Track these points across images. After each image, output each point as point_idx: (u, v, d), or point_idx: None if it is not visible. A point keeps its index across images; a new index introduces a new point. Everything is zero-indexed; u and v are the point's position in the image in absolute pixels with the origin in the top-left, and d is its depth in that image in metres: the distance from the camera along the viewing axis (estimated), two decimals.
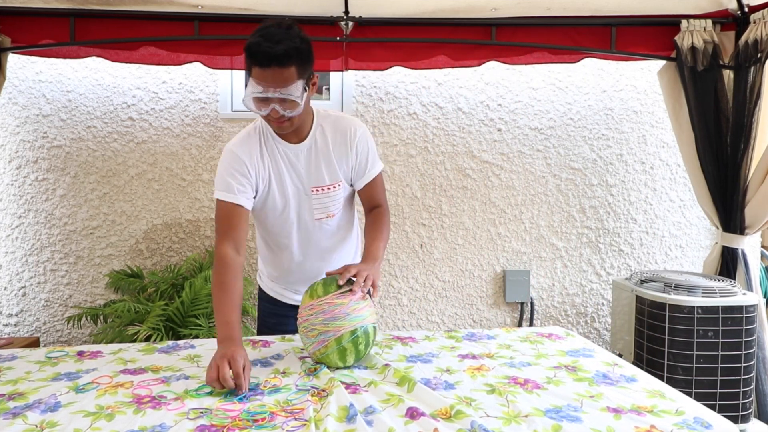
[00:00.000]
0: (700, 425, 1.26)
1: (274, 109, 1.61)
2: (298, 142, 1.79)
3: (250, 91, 1.60)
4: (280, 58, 1.54)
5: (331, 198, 1.86)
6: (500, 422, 1.26)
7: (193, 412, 1.30)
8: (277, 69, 1.55)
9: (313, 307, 1.60)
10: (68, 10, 2.77)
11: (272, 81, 1.57)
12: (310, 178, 1.82)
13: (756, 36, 2.73)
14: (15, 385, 1.48)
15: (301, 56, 1.59)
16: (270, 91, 1.58)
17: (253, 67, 1.58)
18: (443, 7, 2.89)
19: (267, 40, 1.53)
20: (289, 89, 1.58)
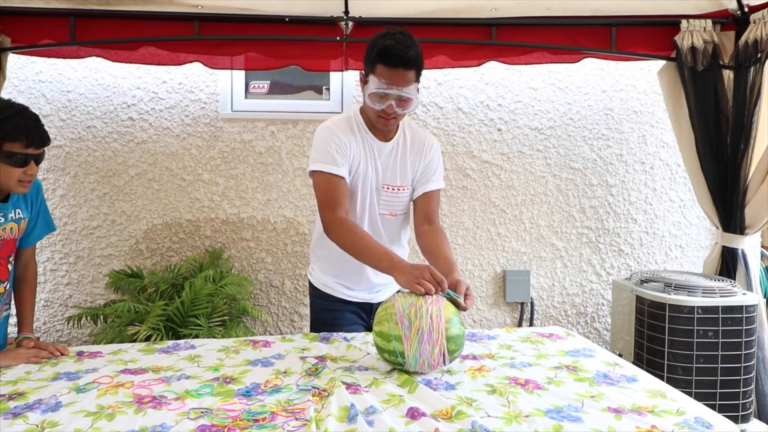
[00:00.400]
0: (701, 425, 1.26)
1: (391, 105, 1.78)
2: (384, 140, 1.94)
3: (375, 87, 1.76)
4: (407, 62, 1.74)
5: (397, 198, 1.99)
6: (501, 422, 1.26)
7: (193, 412, 1.30)
8: (403, 71, 1.74)
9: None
10: (68, 10, 2.77)
11: (396, 80, 1.75)
12: (386, 175, 1.96)
13: (756, 36, 2.73)
14: (15, 385, 1.48)
15: (420, 63, 1.79)
16: (394, 89, 1.75)
17: (379, 65, 1.75)
18: (443, 7, 2.89)
19: (399, 44, 1.72)
20: (409, 89, 1.77)
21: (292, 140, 3.32)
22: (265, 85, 3.34)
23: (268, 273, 3.37)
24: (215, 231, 3.32)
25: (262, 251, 3.36)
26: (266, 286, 3.38)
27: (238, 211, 3.32)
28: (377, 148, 1.94)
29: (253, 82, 3.33)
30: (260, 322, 3.34)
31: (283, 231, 3.35)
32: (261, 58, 2.95)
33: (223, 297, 2.87)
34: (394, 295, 1.59)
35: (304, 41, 2.96)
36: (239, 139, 3.30)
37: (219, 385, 1.48)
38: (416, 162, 1.99)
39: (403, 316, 1.49)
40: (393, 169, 1.96)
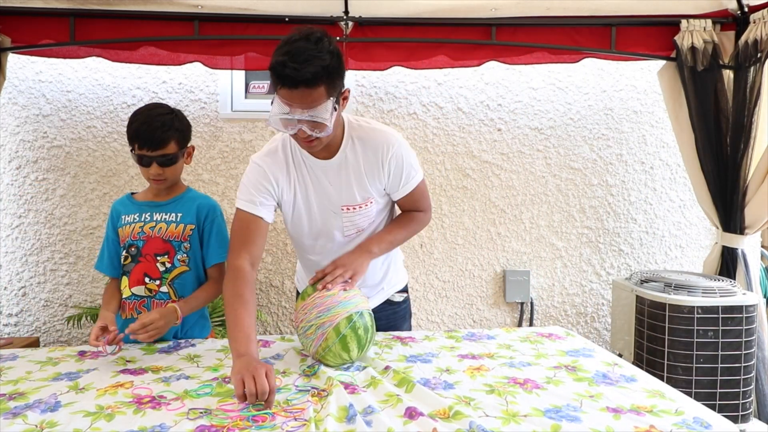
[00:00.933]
0: (699, 425, 1.26)
1: (302, 129, 1.51)
2: (327, 157, 1.69)
3: (277, 111, 1.50)
4: (308, 81, 1.44)
5: (363, 215, 1.78)
6: (499, 422, 1.25)
7: (192, 413, 1.30)
8: (305, 90, 1.45)
9: (305, 306, 1.61)
10: (68, 10, 2.77)
11: (299, 102, 1.47)
12: (341, 196, 1.73)
13: (756, 36, 2.73)
14: (15, 385, 1.49)
15: (331, 74, 1.48)
16: (297, 112, 1.48)
17: (279, 87, 1.48)
18: (443, 7, 2.90)
19: (293, 60, 1.43)
20: (317, 110, 1.48)
21: None
22: (265, 85, 3.34)
23: (268, 273, 3.37)
24: None
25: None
26: (266, 286, 3.38)
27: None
28: (320, 169, 1.71)
29: (253, 82, 3.33)
30: (260, 322, 3.34)
31: (282, 231, 3.35)
32: (261, 58, 2.95)
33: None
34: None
35: None
36: (239, 139, 3.30)
37: (218, 385, 1.48)
38: (375, 173, 1.72)
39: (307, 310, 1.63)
40: (348, 187, 1.72)
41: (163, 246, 1.89)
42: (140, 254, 1.88)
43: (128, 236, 1.90)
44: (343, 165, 1.71)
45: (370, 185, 1.73)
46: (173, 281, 1.89)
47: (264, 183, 1.69)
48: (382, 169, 1.72)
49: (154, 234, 1.89)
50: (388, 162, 1.71)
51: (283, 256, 3.37)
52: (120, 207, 1.97)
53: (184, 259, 1.90)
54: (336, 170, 1.71)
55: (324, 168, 1.71)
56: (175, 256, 1.89)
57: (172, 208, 1.93)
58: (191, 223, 1.91)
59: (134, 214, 1.92)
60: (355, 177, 1.71)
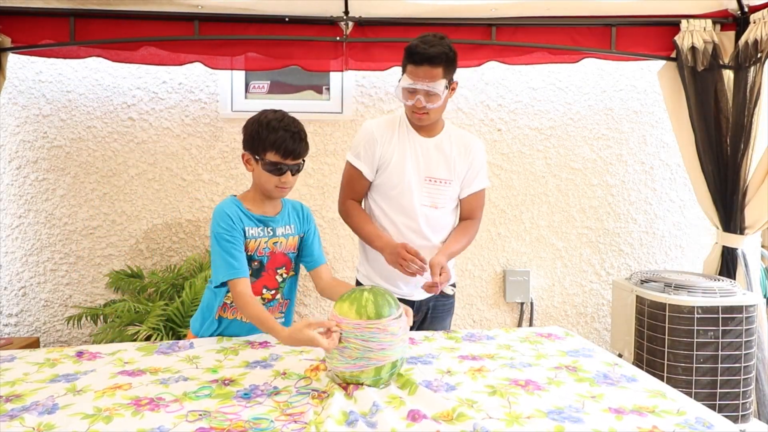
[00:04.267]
0: (701, 425, 1.26)
1: (419, 99, 1.93)
2: (428, 136, 2.09)
3: (403, 83, 1.94)
4: (432, 59, 1.88)
5: (440, 191, 2.09)
6: (502, 424, 1.25)
7: (192, 415, 1.29)
8: (428, 67, 1.89)
9: (360, 328, 1.45)
10: (68, 10, 2.77)
11: (422, 76, 1.91)
12: (429, 167, 2.08)
13: (756, 36, 2.73)
14: (12, 387, 1.47)
15: (448, 61, 1.92)
16: (419, 83, 1.91)
17: (408, 64, 1.93)
18: (443, 7, 2.89)
19: (424, 44, 1.89)
20: (434, 84, 1.91)
21: None
22: (265, 85, 3.34)
23: None
24: None
25: None
26: None
27: None
28: (419, 143, 2.08)
29: (253, 82, 3.33)
30: None
31: None
32: (261, 58, 2.95)
33: None
34: None
35: (304, 41, 2.96)
36: (239, 139, 3.27)
37: (218, 387, 1.47)
38: (460, 160, 2.09)
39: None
40: (437, 162, 2.08)
41: (284, 260, 1.92)
42: (263, 269, 1.86)
43: (253, 251, 1.84)
44: (438, 145, 2.09)
45: (453, 169, 2.09)
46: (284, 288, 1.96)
47: (371, 144, 2.07)
48: (467, 157, 2.10)
49: (277, 249, 1.89)
50: (473, 154, 2.11)
51: None
52: (241, 216, 1.83)
53: (293, 266, 1.97)
54: (432, 148, 2.09)
55: (423, 143, 2.09)
56: (291, 266, 1.95)
57: (286, 220, 1.93)
58: (301, 233, 1.97)
59: (258, 228, 1.85)
60: (444, 158, 2.09)
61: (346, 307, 1.50)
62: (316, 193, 3.36)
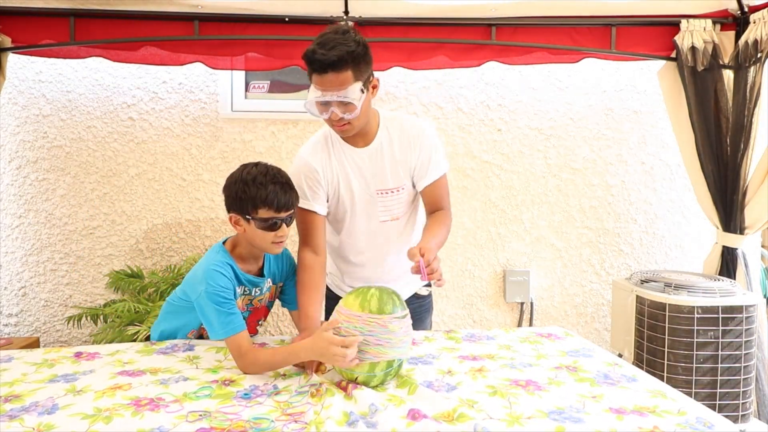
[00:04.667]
0: (702, 425, 1.26)
1: (334, 112, 1.68)
2: (363, 145, 1.86)
3: (312, 96, 1.69)
4: (335, 64, 1.61)
5: (396, 200, 1.91)
6: (503, 424, 1.25)
7: (192, 415, 1.30)
8: (333, 74, 1.63)
9: (361, 320, 1.46)
10: (68, 10, 2.76)
11: (330, 85, 1.64)
12: (375, 180, 1.88)
13: (756, 36, 2.73)
14: (11, 387, 1.47)
15: (357, 60, 1.65)
16: (328, 95, 1.65)
17: (312, 74, 1.67)
18: (443, 7, 2.89)
19: (322, 47, 1.61)
20: (346, 92, 1.65)
21: (292, 140, 3.31)
22: (265, 84, 3.34)
23: None
24: (215, 231, 3.32)
25: None
26: None
27: None
28: (358, 156, 1.87)
29: (253, 81, 3.33)
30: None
31: None
32: (261, 58, 2.95)
33: None
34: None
35: (304, 41, 2.93)
36: (239, 139, 3.29)
37: (218, 387, 1.47)
38: (408, 157, 1.88)
39: None
40: (382, 172, 1.88)
41: (264, 311, 1.93)
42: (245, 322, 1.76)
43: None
44: (378, 151, 1.87)
45: (402, 170, 1.88)
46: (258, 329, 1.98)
47: (313, 177, 1.86)
48: (413, 150, 1.87)
49: (259, 305, 1.88)
50: (420, 142, 1.87)
51: None
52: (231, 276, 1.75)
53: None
54: (372, 157, 1.87)
55: (361, 155, 1.87)
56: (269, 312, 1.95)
57: (268, 273, 1.88)
58: (281, 281, 1.94)
59: (243, 286, 1.80)
60: (390, 162, 1.87)
61: (351, 299, 1.52)
62: None
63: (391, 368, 1.48)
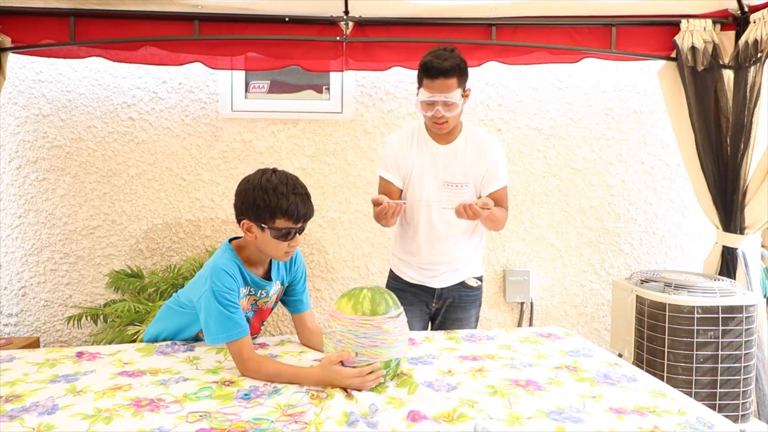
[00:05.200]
0: (702, 425, 1.26)
1: (438, 110, 2.06)
2: (444, 143, 2.22)
3: (422, 97, 2.08)
4: (446, 72, 2.02)
5: (458, 194, 2.18)
6: (504, 424, 1.25)
7: (192, 416, 1.30)
8: (443, 80, 2.02)
9: (354, 323, 1.47)
10: (68, 10, 2.77)
11: (438, 89, 2.04)
12: (446, 173, 2.20)
13: (756, 36, 2.73)
14: (12, 387, 1.47)
15: (461, 72, 2.06)
16: (437, 95, 2.04)
17: (424, 78, 2.06)
18: (443, 7, 2.89)
19: (437, 58, 2.03)
20: (451, 95, 2.04)
21: (292, 140, 3.31)
22: (265, 84, 3.34)
23: None
24: (215, 231, 3.32)
25: None
26: None
27: None
28: (437, 150, 2.21)
29: (253, 81, 3.33)
30: None
31: None
32: (261, 58, 2.95)
33: None
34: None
35: (304, 41, 2.95)
36: (239, 138, 3.29)
37: (218, 387, 1.47)
38: (475, 163, 2.20)
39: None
40: (453, 168, 2.20)
41: (268, 312, 1.91)
42: (249, 323, 1.75)
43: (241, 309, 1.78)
44: (455, 151, 2.21)
45: (469, 172, 2.20)
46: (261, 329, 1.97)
47: (393, 157, 2.24)
48: (482, 160, 2.20)
49: (264, 306, 1.85)
50: (489, 155, 2.21)
51: None
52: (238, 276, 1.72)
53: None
54: (449, 154, 2.21)
55: (440, 150, 2.22)
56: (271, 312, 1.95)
57: (275, 276, 1.84)
58: (287, 282, 1.90)
59: (248, 287, 1.77)
60: (461, 163, 2.20)
61: (344, 302, 1.52)
62: (316, 193, 3.35)
63: (389, 368, 1.48)
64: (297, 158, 3.32)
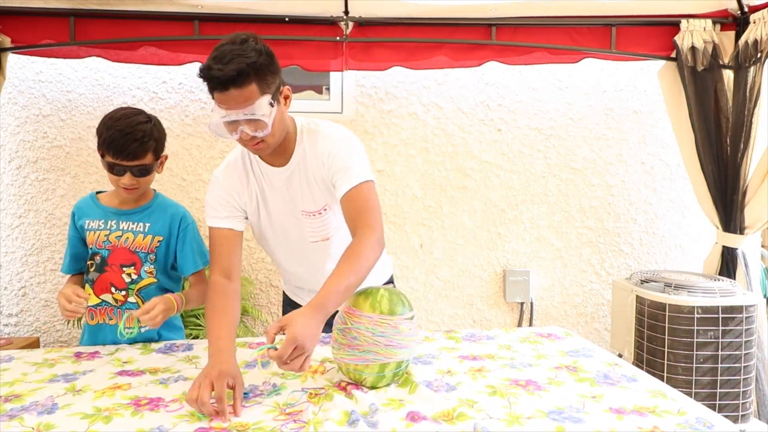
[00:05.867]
0: (702, 425, 1.25)
1: (244, 131, 1.50)
2: (281, 165, 1.68)
3: (216, 117, 1.50)
4: (235, 79, 1.43)
5: (323, 222, 1.73)
6: (503, 424, 1.25)
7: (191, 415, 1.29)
8: (236, 90, 1.45)
9: (372, 321, 1.43)
10: (68, 10, 2.77)
11: (233, 103, 1.46)
12: (297, 202, 1.70)
13: (756, 36, 2.73)
14: (11, 387, 1.48)
15: (260, 71, 1.48)
16: (233, 113, 1.47)
17: (212, 91, 1.50)
18: (443, 7, 2.89)
19: (218, 62, 1.45)
20: (252, 108, 1.47)
21: None
22: None
23: (268, 273, 3.37)
24: None
25: (262, 251, 3.35)
26: (266, 286, 3.37)
27: None
28: (276, 177, 1.69)
29: None
30: (260, 322, 3.34)
31: None
32: None
33: None
34: None
35: (304, 41, 2.95)
36: None
37: None
38: (320, 175, 1.67)
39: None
40: (302, 193, 1.69)
41: (130, 257, 1.81)
42: (105, 264, 1.79)
43: (93, 243, 1.81)
44: (295, 171, 1.68)
45: (319, 190, 1.68)
46: (140, 292, 1.83)
47: (227, 197, 1.71)
48: (324, 168, 1.65)
49: (120, 244, 1.80)
50: (331, 159, 1.63)
51: None
52: (85, 208, 1.84)
53: (151, 271, 1.84)
54: (290, 177, 1.68)
55: (279, 175, 1.68)
56: (142, 268, 1.83)
57: (139, 217, 1.83)
58: (159, 234, 1.84)
59: (99, 221, 1.81)
60: (307, 183, 1.68)
61: (361, 300, 1.49)
62: None
63: (400, 369, 1.48)
64: None
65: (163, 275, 1.89)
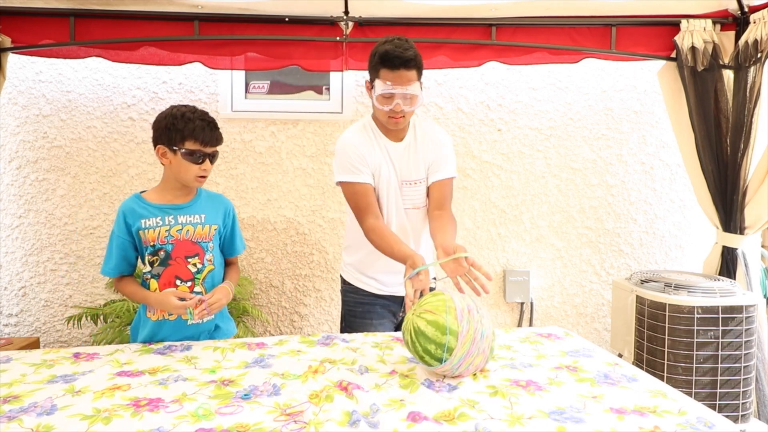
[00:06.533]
0: (702, 425, 1.25)
1: (398, 104, 1.92)
2: (397, 140, 2.08)
3: (380, 90, 1.92)
4: (407, 62, 1.88)
5: (417, 192, 2.11)
6: (504, 424, 1.25)
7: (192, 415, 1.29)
8: (404, 71, 1.89)
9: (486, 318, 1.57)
10: (68, 10, 2.76)
11: (399, 80, 1.90)
12: (403, 172, 2.08)
13: (756, 36, 2.73)
14: (10, 388, 1.47)
15: (419, 63, 1.94)
16: (398, 88, 1.90)
17: (382, 69, 1.90)
18: (443, 7, 2.89)
19: (397, 47, 1.88)
20: (412, 87, 1.92)
21: (292, 140, 3.31)
22: (265, 85, 3.34)
23: (268, 273, 3.37)
24: None
25: (262, 251, 3.36)
26: (266, 286, 3.37)
27: (238, 211, 3.31)
28: (392, 148, 2.07)
29: (253, 82, 3.33)
30: (260, 322, 3.34)
31: (283, 231, 3.35)
32: (261, 58, 2.95)
33: None
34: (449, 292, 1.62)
35: (304, 41, 2.95)
36: (239, 139, 3.29)
37: (217, 387, 1.47)
38: (428, 156, 2.09)
39: (463, 314, 1.51)
40: (408, 165, 2.08)
41: (193, 248, 1.92)
42: (170, 257, 1.88)
43: (154, 240, 1.88)
44: (407, 147, 2.09)
45: (422, 166, 2.10)
46: (204, 280, 1.94)
47: (366, 157, 2.03)
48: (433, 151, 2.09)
49: (183, 237, 1.90)
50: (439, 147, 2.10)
51: (282, 256, 3.36)
52: (137, 209, 1.89)
53: (211, 258, 1.96)
54: (402, 151, 2.08)
55: (394, 148, 2.08)
56: (204, 257, 1.94)
57: (194, 209, 1.94)
58: (215, 223, 1.97)
59: (156, 218, 1.89)
60: (414, 158, 2.09)
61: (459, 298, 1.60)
62: (316, 194, 3.35)
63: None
64: (297, 158, 3.32)
65: (220, 261, 2.02)
